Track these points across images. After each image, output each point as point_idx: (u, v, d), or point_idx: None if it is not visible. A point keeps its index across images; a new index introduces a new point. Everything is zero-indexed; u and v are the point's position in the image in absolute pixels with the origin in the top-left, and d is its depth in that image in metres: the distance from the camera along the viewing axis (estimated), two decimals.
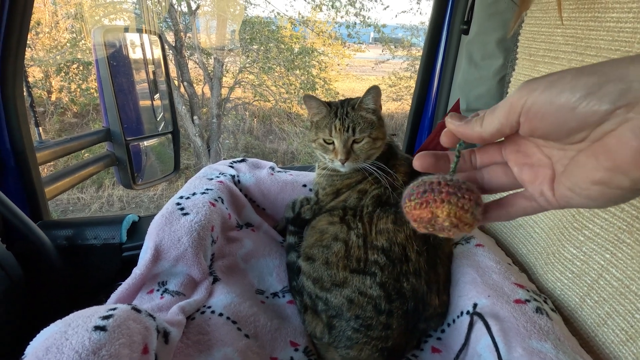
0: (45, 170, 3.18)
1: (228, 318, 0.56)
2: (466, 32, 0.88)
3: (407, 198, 0.31)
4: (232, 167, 0.86)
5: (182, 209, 0.66)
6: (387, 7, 6.64)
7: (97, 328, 0.38)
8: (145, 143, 1.47)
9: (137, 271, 0.59)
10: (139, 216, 0.92)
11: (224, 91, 4.93)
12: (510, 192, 0.32)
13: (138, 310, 0.44)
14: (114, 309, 0.42)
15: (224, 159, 0.90)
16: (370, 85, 0.69)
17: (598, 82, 0.23)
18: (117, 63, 1.26)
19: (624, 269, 0.47)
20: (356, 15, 5.09)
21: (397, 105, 5.93)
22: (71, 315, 0.41)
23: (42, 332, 0.39)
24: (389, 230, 0.61)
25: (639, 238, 0.45)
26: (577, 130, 0.25)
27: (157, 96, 1.52)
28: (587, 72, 0.24)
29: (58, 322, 0.40)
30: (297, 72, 5.10)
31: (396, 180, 0.67)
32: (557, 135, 0.26)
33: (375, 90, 0.68)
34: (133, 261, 0.63)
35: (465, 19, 0.88)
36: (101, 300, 0.58)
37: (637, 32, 0.45)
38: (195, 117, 4.63)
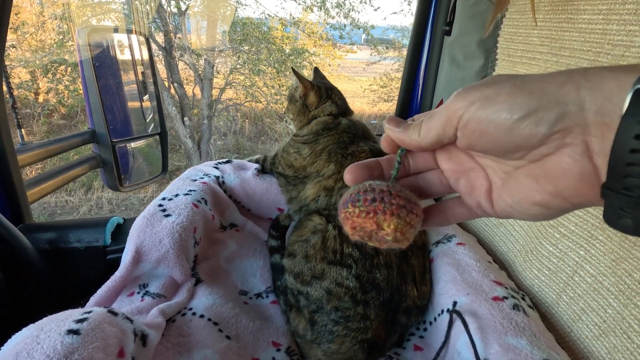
0: (33, 172, 3.13)
1: (209, 319, 0.55)
2: (449, 33, 0.89)
3: (351, 203, 0.28)
4: (216, 168, 0.86)
5: (164, 210, 0.66)
6: (378, 8, 6.68)
7: (71, 332, 0.38)
8: (133, 144, 1.45)
9: (117, 274, 0.58)
10: (123, 218, 0.91)
11: (215, 92, 4.90)
12: (448, 196, 0.31)
13: (114, 313, 0.44)
14: (89, 312, 0.42)
15: (216, 160, 0.90)
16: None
17: (535, 105, 0.22)
18: (103, 64, 1.24)
19: (597, 265, 0.48)
20: (346, 17, 5.10)
21: (388, 106, 5.96)
22: (45, 319, 0.41)
23: (13, 336, 0.39)
24: None
25: (611, 235, 0.46)
26: (516, 150, 0.24)
27: (146, 97, 1.51)
28: (525, 91, 0.22)
29: (31, 326, 0.40)
30: (288, 73, 5.09)
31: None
32: (496, 152, 0.25)
33: None
34: (117, 264, 0.62)
35: (448, 20, 0.89)
36: (81, 305, 0.58)
37: (607, 34, 0.46)
38: (185, 119, 4.60)
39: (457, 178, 0.30)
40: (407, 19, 5.83)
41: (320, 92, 0.84)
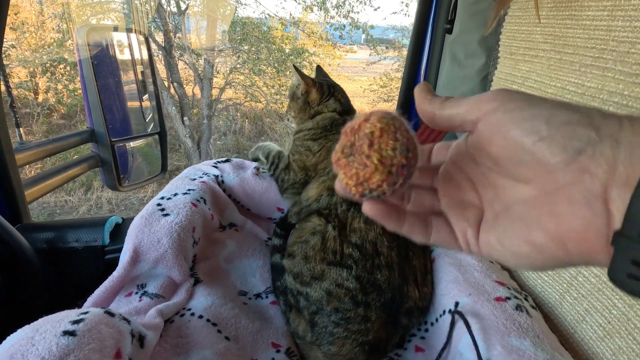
0: (32, 172, 3.13)
1: (208, 320, 0.55)
2: (450, 31, 0.88)
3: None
4: (216, 167, 0.85)
5: (162, 209, 0.65)
6: (378, 8, 6.67)
7: (66, 333, 0.37)
8: (132, 144, 1.45)
9: (115, 274, 0.58)
10: (122, 218, 0.91)
11: (215, 92, 4.89)
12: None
13: (111, 314, 0.43)
14: (86, 312, 0.41)
15: (215, 159, 0.90)
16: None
17: (575, 119, 0.20)
18: (102, 62, 1.24)
19: None
20: (345, 17, 5.10)
21: (388, 106, 5.95)
22: (40, 320, 0.40)
23: (8, 338, 0.38)
24: (361, 230, 0.62)
25: None
26: (531, 165, 0.22)
27: (145, 97, 1.50)
28: (570, 108, 0.21)
29: (26, 327, 0.39)
30: (288, 73, 5.09)
31: None
32: (508, 161, 0.23)
33: None
34: (116, 264, 0.62)
35: (449, 18, 0.88)
36: (78, 305, 0.57)
37: (612, 30, 0.45)
38: (185, 118, 4.59)
39: (450, 200, 0.28)
40: (407, 19, 5.83)
41: (322, 90, 0.84)
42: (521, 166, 0.22)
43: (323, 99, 0.84)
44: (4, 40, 0.74)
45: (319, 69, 0.96)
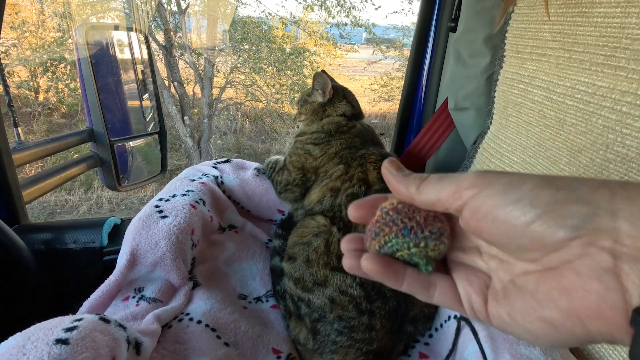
0: (32, 171, 3.12)
1: (207, 325, 0.53)
2: (454, 29, 0.87)
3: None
4: (215, 167, 0.83)
5: (160, 211, 0.64)
6: (379, 7, 6.65)
7: (59, 341, 0.36)
8: (132, 144, 1.43)
9: (111, 278, 0.56)
10: (121, 219, 0.90)
11: (215, 91, 4.88)
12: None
13: (106, 321, 0.42)
14: (80, 319, 0.40)
15: (214, 159, 0.88)
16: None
17: (562, 199, 0.19)
18: (101, 61, 1.22)
19: None
20: (347, 15, 5.08)
21: (389, 105, 5.94)
22: (33, 327, 0.39)
23: None
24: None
25: None
26: (530, 249, 0.21)
27: (146, 96, 1.49)
28: (553, 185, 0.20)
29: (17, 335, 0.37)
30: (289, 72, 5.07)
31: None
32: (505, 246, 0.22)
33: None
34: (114, 265, 0.60)
35: (453, 17, 0.87)
36: (74, 310, 0.56)
37: (625, 27, 0.44)
38: (186, 118, 4.58)
39: (454, 262, 0.26)
40: (408, 18, 5.81)
41: (336, 92, 0.85)
42: (520, 249, 0.21)
43: (335, 101, 0.84)
44: (3, 39, 0.73)
45: (325, 73, 0.95)
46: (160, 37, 4.45)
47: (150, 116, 1.52)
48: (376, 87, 5.92)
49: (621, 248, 0.18)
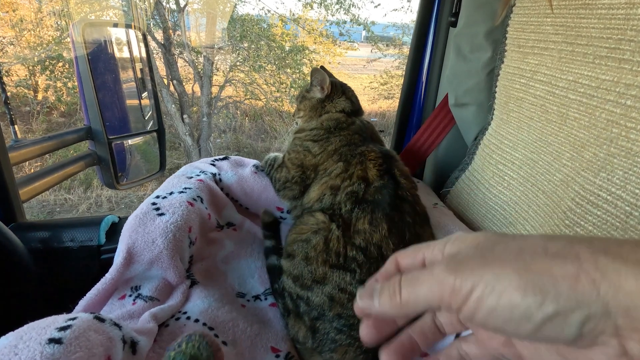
0: (32, 170, 3.11)
1: (204, 324, 0.53)
2: (454, 24, 0.86)
3: None
4: (213, 165, 0.83)
5: (157, 209, 0.63)
6: (378, 4, 6.62)
7: (52, 341, 0.35)
8: (130, 142, 1.43)
9: (107, 276, 0.55)
10: (119, 217, 0.89)
11: (215, 90, 4.87)
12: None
13: (101, 320, 0.41)
14: (74, 318, 0.39)
15: (213, 157, 0.88)
16: None
17: (555, 308, 0.19)
18: (99, 58, 1.21)
19: None
20: (346, 13, 5.06)
21: (389, 103, 5.93)
22: (25, 326, 0.38)
23: None
24: (365, 231, 0.59)
25: (633, 236, 0.43)
26: (541, 344, 0.22)
27: (145, 95, 1.48)
28: (537, 285, 0.20)
29: (9, 334, 0.37)
30: (289, 70, 5.06)
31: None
32: (516, 338, 0.23)
33: None
34: (112, 264, 0.60)
35: (453, 11, 0.86)
36: (70, 309, 0.55)
37: (630, 19, 0.43)
38: (185, 116, 4.57)
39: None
40: (408, 16, 5.79)
41: (335, 88, 0.84)
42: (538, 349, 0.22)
43: (334, 97, 0.83)
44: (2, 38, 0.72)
45: (323, 69, 0.94)
46: (159, 35, 4.43)
47: (149, 114, 1.51)
48: (376, 85, 5.91)
49: (625, 338, 0.19)
